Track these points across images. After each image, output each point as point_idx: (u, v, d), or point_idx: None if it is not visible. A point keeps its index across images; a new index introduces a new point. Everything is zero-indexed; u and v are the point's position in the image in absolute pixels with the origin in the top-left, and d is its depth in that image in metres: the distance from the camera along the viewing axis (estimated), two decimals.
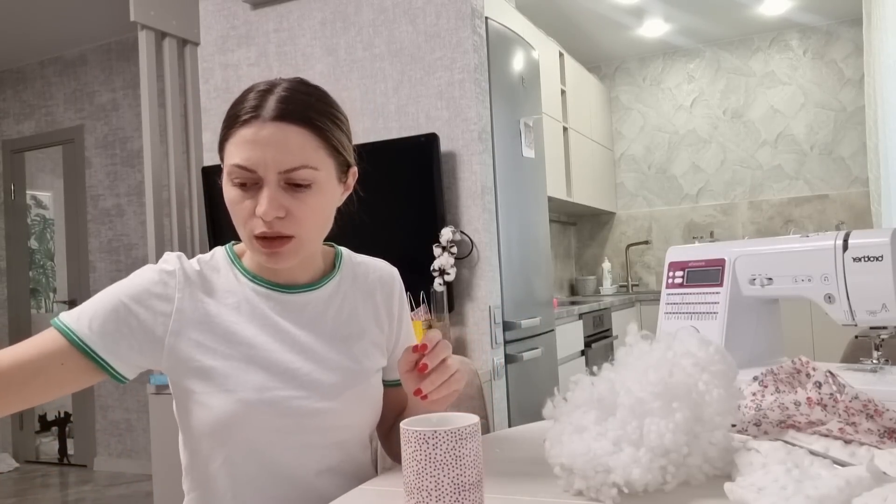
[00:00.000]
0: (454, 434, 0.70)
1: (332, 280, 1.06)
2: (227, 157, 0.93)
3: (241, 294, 1.00)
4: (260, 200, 0.91)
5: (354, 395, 1.01)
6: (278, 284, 1.02)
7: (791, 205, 4.89)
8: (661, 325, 1.48)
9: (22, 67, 5.02)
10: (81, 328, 0.92)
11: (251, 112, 0.91)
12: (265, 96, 0.93)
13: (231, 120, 0.93)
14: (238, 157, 0.91)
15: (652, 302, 4.70)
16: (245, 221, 0.93)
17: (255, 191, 0.92)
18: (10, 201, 5.08)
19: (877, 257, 1.21)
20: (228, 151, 0.93)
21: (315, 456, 0.98)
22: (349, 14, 2.65)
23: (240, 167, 0.91)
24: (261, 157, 0.90)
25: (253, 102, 0.92)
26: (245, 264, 1.03)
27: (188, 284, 0.98)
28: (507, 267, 2.56)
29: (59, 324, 0.93)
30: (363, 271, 1.11)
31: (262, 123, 0.90)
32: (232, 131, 0.93)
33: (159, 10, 2.89)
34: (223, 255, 1.04)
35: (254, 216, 0.92)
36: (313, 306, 1.03)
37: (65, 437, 4.85)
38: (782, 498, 0.67)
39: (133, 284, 0.96)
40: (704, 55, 5.17)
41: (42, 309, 5.00)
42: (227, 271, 1.02)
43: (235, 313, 0.98)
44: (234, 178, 0.92)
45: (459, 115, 2.45)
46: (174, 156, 2.94)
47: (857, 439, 0.82)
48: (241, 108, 0.93)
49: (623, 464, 0.76)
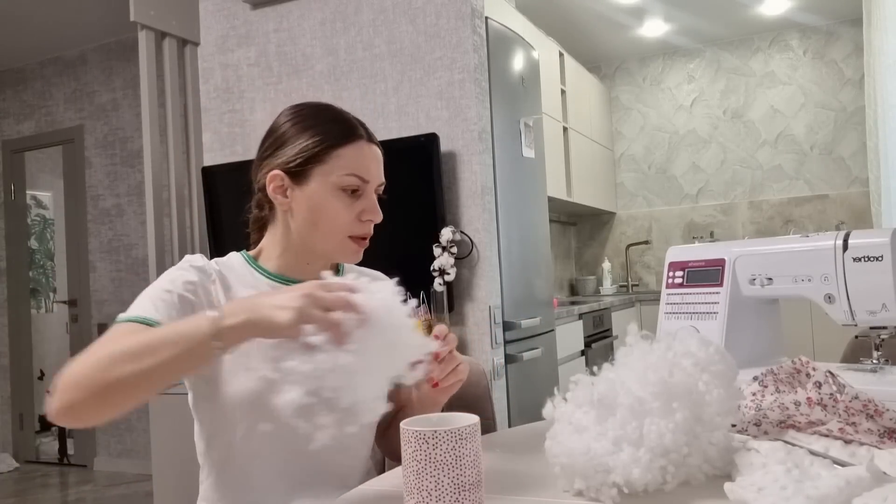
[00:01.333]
0: (454, 434, 0.70)
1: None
2: (338, 168, 1.05)
3: (259, 288, 1.07)
4: (368, 207, 1.07)
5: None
6: (296, 282, 1.07)
7: (791, 205, 4.89)
8: (662, 325, 1.48)
9: (22, 67, 5.01)
10: (156, 314, 0.96)
11: (356, 131, 1.08)
12: (350, 119, 1.10)
13: (344, 133, 1.06)
14: (357, 167, 1.06)
15: (652, 302, 4.70)
16: (347, 223, 1.06)
17: (354, 199, 1.06)
18: (10, 201, 5.08)
19: (877, 257, 1.21)
20: (338, 162, 1.05)
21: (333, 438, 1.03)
22: (349, 14, 2.65)
23: (358, 176, 1.06)
24: (372, 170, 1.08)
25: (347, 123, 1.08)
26: (263, 265, 1.11)
27: (218, 276, 1.06)
28: (507, 267, 2.56)
29: (132, 317, 0.95)
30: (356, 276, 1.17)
31: (368, 143, 1.08)
32: (343, 142, 1.06)
33: (159, 10, 2.89)
34: (238, 257, 1.12)
35: (356, 221, 1.06)
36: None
37: (65, 437, 4.85)
38: (782, 498, 0.67)
39: (174, 277, 1.02)
40: (704, 55, 5.17)
41: (42, 309, 5.00)
42: (243, 270, 1.09)
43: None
44: (347, 185, 1.05)
45: (459, 115, 2.45)
46: (174, 156, 2.94)
47: (857, 439, 0.82)
48: (343, 125, 1.08)
49: (623, 464, 0.76)
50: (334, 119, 1.09)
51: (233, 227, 2.86)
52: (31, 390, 4.96)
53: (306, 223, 1.06)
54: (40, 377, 4.97)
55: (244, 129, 2.83)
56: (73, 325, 4.79)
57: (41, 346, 4.99)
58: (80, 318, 4.75)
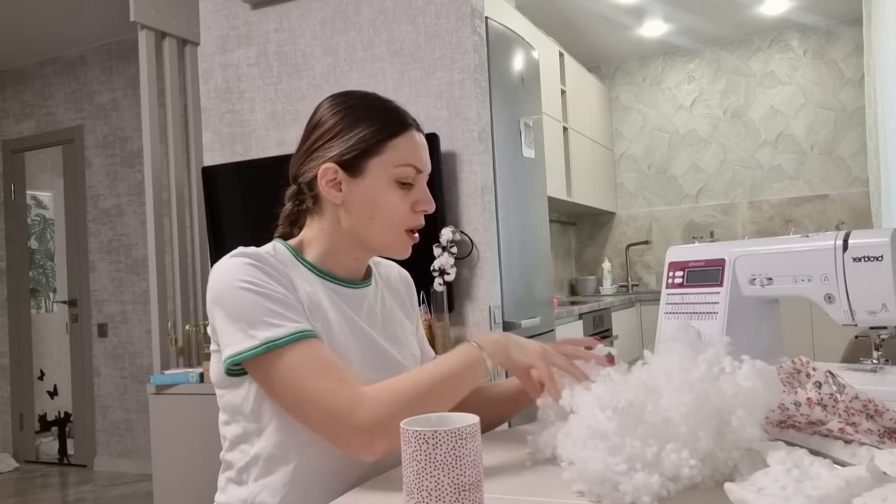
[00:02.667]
0: (454, 434, 0.70)
1: (373, 277, 1.15)
2: (394, 159, 1.03)
3: (311, 287, 1.03)
4: (422, 198, 1.06)
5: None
6: (340, 279, 1.08)
7: (791, 205, 4.89)
8: (661, 325, 1.48)
9: (22, 67, 5.01)
10: (301, 325, 0.94)
11: (408, 119, 1.07)
12: (399, 109, 1.08)
13: (397, 122, 1.05)
14: (412, 158, 1.05)
15: (652, 302, 4.70)
16: (404, 216, 1.04)
17: (407, 190, 1.05)
18: (10, 201, 5.08)
19: (877, 257, 1.21)
20: (394, 153, 1.03)
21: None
22: (349, 14, 2.65)
23: (414, 167, 1.05)
24: (424, 159, 1.07)
25: (402, 112, 1.08)
26: (307, 258, 1.07)
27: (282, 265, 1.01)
28: (507, 267, 2.56)
29: (299, 334, 0.93)
30: (385, 271, 1.21)
31: (417, 132, 1.08)
32: (398, 133, 1.04)
33: (159, 10, 2.89)
34: (284, 251, 1.06)
35: (410, 212, 1.05)
36: (368, 301, 1.11)
37: (65, 437, 4.85)
38: (782, 498, 0.67)
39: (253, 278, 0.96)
40: (704, 55, 5.17)
41: (42, 309, 5.00)
42: (293, 264, 1.05)
43: (308, 303, 1.01)
44: (404, 177, 1.04)
45: (459, 115, 2.45)
46: (174, 156, 2.94)
47: (857, 439, 0.82)
48: (394, 115, 1.06)
49: (634, 488, 0.75)
50: (385, 109, 1.07)
51: (233, 227, 2.87)
52: (31, 390, 4.96)
53: (363, 217, 1.04)
54: (40, 377, 4.97)
55: (244, 129, 2.83)
56: (73, 325, 4.79)
57: (41, 346, 4.99)
58: (80, 318, 4.75)
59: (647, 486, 0.75)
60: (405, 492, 0.72)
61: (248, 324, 0.92)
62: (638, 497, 0.75)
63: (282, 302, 0.94)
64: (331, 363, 0.93)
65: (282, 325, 0.92)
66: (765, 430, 0.84)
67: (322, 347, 0.95)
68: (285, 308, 0.94)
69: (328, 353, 0.95)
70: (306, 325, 0.94)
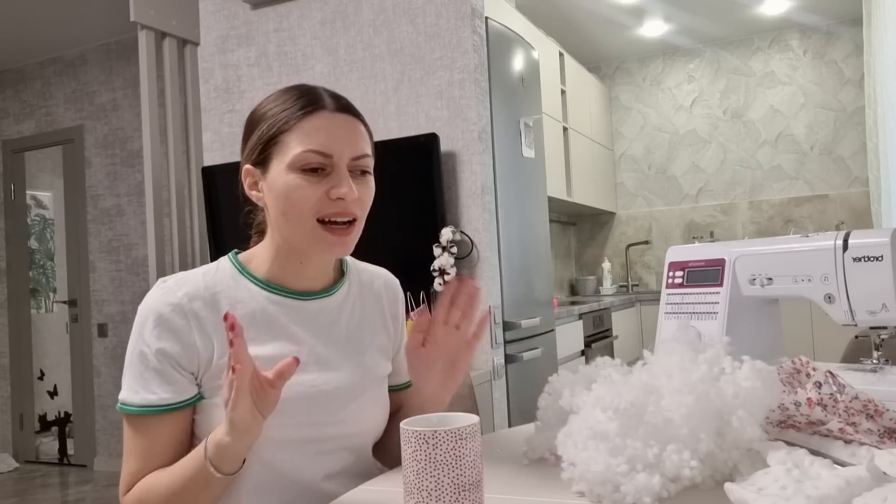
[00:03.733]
0: (454, 434, 0.70)
1: (343, 286, 1.07)
2: (290, 147, 0.94)
3: (254, 304, 0.99)
4: (337, 184, 0.94)
5: (367, 401, 1.03)
6: (292, 291, 1.01)
7: (791, 205, 4.89)
8: (661, 325, 1.48)
9: (22, 67, 5.01)
10: (148, 398, 0.93)
11: (311, 104, 0.96)
12: (314, 92, 0.98)
13: (284, 115, 0.95)
14: (312, 143, 0.93)
15: (652, 302, 4.70)
16: (312, 206, 0.94)
17: (321, 178, 0.94)
18: (10, 201, 5.08)
19: (877, 257, 1.21)
20: (289, 142, 0.94)
21: (327, 460, 0.99)
22: (349, 14, 2.65)
23: (316, 152, 0.93)
24: (336, 142, 0.94)
25: (308, 97, 0.97)
26: (254, 272, 1.01)
27: (204, 304, 0.96)
28: (507, 267, 2.56)
29: (129, 408, 0.94)
30: (368, 278, 1.13)
31: (331, 114, 0.96)
32: (290, 124, 0.95)
33: (159, 10, 2.89)
34: (229, 267, 1.02)
35: (324, 200, 0.93)
36: (327, 313, 1.03)
37: (65, 437, 4.84)
38: (782, 498, 0.67)
39: (150, 338, 0.94)
40: (704, 55, 5.17)
41: (42, 309, 5.00)
42: (235, 282, 1.00)
43: (250, 325, 0.97)
44: (305, 164, 0.93)
45: (459, 115, 2.45)
46: (174, 156, 2.94)
47: (857, 439, 0.82)
48: (290, 103, 0.96)
49: (635, 489, 0.75)
50: (294, 96, 0.97)
51: (233, 227, 2.87)
52: (31, 390, 4.96)
53: (277, 214, 0.96)
54: (40, 377, 4.97)
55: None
56: (73, 325, 4.78)
57: (41, 346, 4.99)
58: (80, 318, 4.75)
59: (649, 487, 0.75)
60: (405, 492, 0.72)
61: (127, 374, 0.96)
62: (639, 498, 0.75)
63: (156, 370, 0.93)
64: (145, 450, 0.94)
65: (138, 393, 0.93)
66: (765, 430, 0.84)
67: (153, 429, 0.93)
68: (153, 377, 0.93)
69: (156, 435, 0.94)
70: (158, 399, 0.93)
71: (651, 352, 0.95)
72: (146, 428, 0.94)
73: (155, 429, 0.94)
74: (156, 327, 0.94)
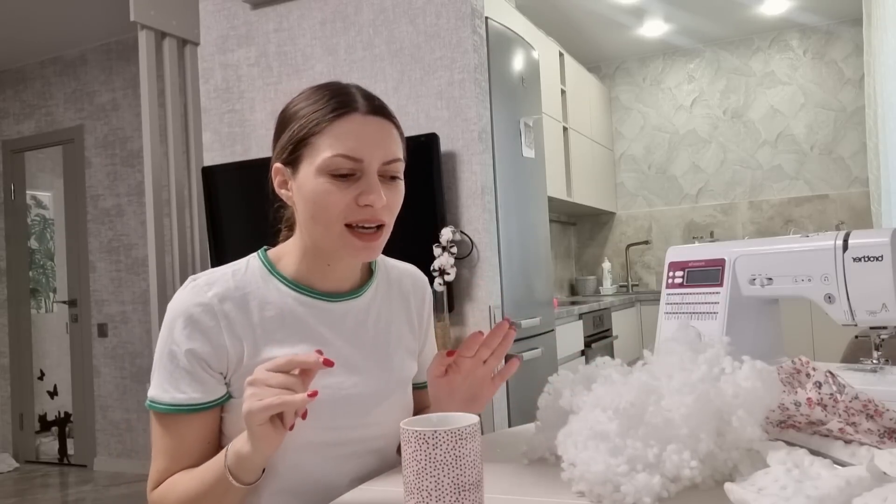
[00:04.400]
0: (454, 434, 0.70)
1: (371, 287, 1.07)
2: (320, 150, 0.92)
3: (283, 305, 0.98)
4: (367, 189, 0.92)
5: (394, 403, 1.03)
6: (320, 292, 1.01)
7: (791, 205, 4.89)
8: (661, 325, 1.48)
9: (22, 67, 5.01)
10: (177, 396, 0.93)
11: (344, 106, 0.94)
12: (348, 93, 0.96)
13: (316, 116, 0.94)
14: (342, 147, 0.92)
15: (652, 302, 4.70)
16: (341, 212, 0.92)
17: (350, 182, 0.93)
18: (10, 201, 5.08)
19: (877, 257, 1.21)
20: (320, 145, 0.93)
21: (352, 464, 0.99)
22: (349, 14, 2.65)
23: (346, 157, 0.92)
24: (367, 148, 0.93)
25: (341, 98, 0.94)
26: (283, 272, 1.01)
27: (228, 322, 0.95)
28: (507, 267, 2.56)
29: (158, 406, 0.94)
30: (397, 276, 1.13)
31: (362, 117, 0.94)
32: (322, 126, 0.93)
33: (159, 10, 2.89)
34: (259, 266, 1.01)
35: (353, 206, 0.92)
36: (354, 315, 1.03)
37: (65, 437, 4.84)
38: (782, 498, 0.67)
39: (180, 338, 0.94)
40: (704, 55, 5.17)
41: (42, 309, 5.00)
42: (265, 282, 0.99)
43: (279, 326, 0.97)
44: (334, 169, 0.92)
45: (459, 115, 2.45)
46: (174, 156, 2.94)
47: (857, 439, 0.82)
48: (323, 104, 0.94)
49: (635, 489, 0.75)
50: (326, 97, 0.95)
51: (233, 227, 2.87)
52: (31, 390, 4.96)
53: (306, 217, 0.95)
54: (40, 377, 4.97)
55: (244, 129, 2.83)
56: (73, 325, 4.79)
57: (41, 346, 4.99)
58: (80, 318, 4.75)
59: (649, 487, 0.75)
60: (405, 492, 0.72)
61: (156, 372, 0.96)
62: (639, 498, 0.75)
63: (185, 370, 0.93)
64: (173, 449, 0.94)
65: (167, 391, 0.93)
66: (765, 430, 0.84)
67: (181, 427, 0.94)
68: (183, 376, 0.93)
69: (184, 434, 0.94)
70: (188, 399, 0.93)
71: (651, 352, 0.95)
72: (175, 426, 0.94)
73: (183, 427, 0.94)
74: (186, 327, 0.94)
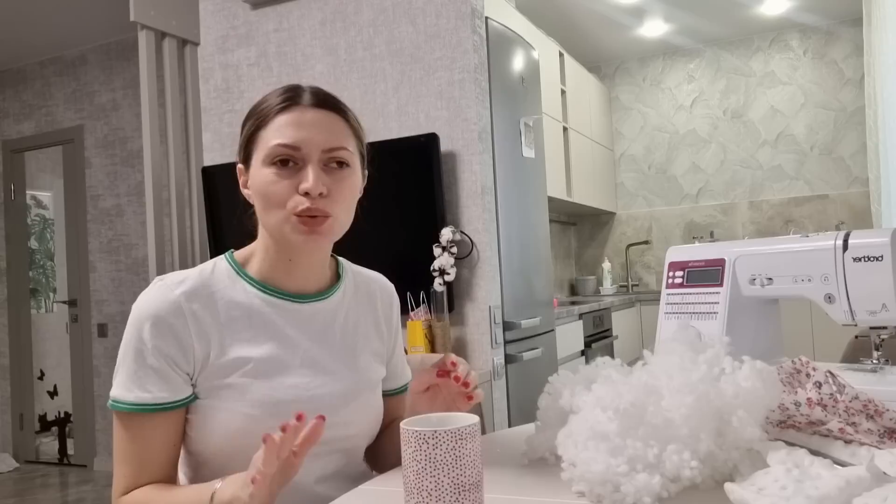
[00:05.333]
0: (454, 434, 0.70)
1: (338, 290, 1.07)
2: (265, 142, 0.97)
3: (250, 305, 0.99)
4: (305, 177, 0.94)
5: (361, 405, 1.03)
6: (288, 293, 1.02)
7: (791, 205, 4.89)
8: (661, 325, 1.48)
9: (22, 67, 5.01)
10: (142, 396, 0.93)
11: (288, 101, 0.97)
12: (296, 90, 0.99)
13: (264, 112, 0.98)
14: (281, 137, 0.95)
15: (652, 302, 4.70)
16: (283, 201, 0.95)
17: (293, 171, 0.95)
18: (10, 201, 5.08)
19: (877, 257, 1.21)
20: (265, 137, 0.97)
21: (318, 463, 0.99)
22: (349, 14, 2.65)
23: (284, 146, 0.95)
24: (306, 136, 0.95)
25: (287, 94, 0.98)
26: (249, 272, 1.02)
27: (201, 303, 0.97)
28: (507, 267, 2.56)
29: (122, 405, 0.93)
30: (364, 280, 1.13)
31: (303, 109, 0.97)
32: (267, 120, 0.97)
33: (159, 10, 2.89)
34: (226, 267, 1.02)
35: (294, 194, 0.94)
36: (322, 316, 1.04)
37: (65, 437, 4.84)
38: (782, 498, 0.67)
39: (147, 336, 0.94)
40: (704, 55, 5.17)
41: (42, 309, 5.00)
42: (231, 282, 1.00)
43: (246, 326, 0.98)
44: (274, 158, 0.95)
45: (459, 115, 2.45)
46: (174, 156, 2.94)
47: (857, 439, 0.82)
48: (272, 101, 0.98)
49: (635, 489, 0.75)
50: (277, 94, 1.00)
51: (233, 227, 2.87)
52: (31, 390, 4.96)
53: (259, 210, 0.99)
54: (40, 377, 4.97)
55: None
56: (73, 325, 4.78)
57: (41, 346, 4.99)
58: (80, 318, 4.75)
59: (649, 487, 0.75)
60: (405, 492, 0.72)
61: (120, 371, 0.95)
62: (639, 498, 0.75)
63: (152, 368, 0.92)
64: (138, 452, 0.93)
65: (131, 391, 0.93)
66: (765, 430, 0.84)
67: (146, 428, 0.93)
68: (149, 375, 0.92)
69: (148, 435, 0.93)
70: (153, 398, 0.92)
71: (651, 352, 0.95)
72: (139, 427, 0.93)
73: (148, 429, 0.93)
74: (154, 326, 0.94)
